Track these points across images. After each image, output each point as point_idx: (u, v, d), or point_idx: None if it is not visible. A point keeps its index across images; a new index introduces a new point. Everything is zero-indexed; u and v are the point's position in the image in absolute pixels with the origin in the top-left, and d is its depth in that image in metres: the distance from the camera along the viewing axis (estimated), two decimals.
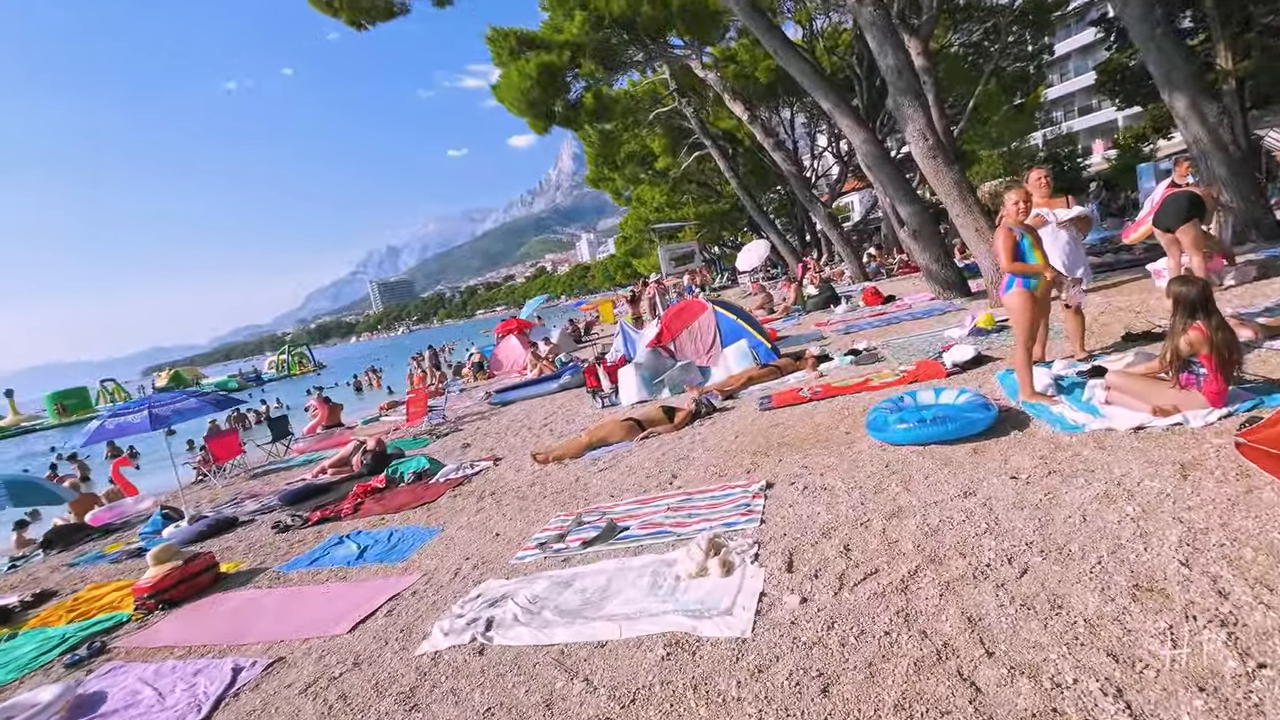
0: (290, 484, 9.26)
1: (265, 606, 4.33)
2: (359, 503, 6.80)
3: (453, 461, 7.85)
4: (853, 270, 20.84)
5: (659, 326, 9.89)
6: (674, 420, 6.69)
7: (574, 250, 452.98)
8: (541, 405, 11.11)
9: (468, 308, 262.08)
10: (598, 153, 33.60)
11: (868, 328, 10.84)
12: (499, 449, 8.11)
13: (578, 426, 8.31)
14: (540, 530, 4.40)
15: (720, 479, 4.58)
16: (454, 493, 6.37)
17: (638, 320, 17.25)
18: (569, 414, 9.49)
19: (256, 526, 7.00)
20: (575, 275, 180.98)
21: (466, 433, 10.12)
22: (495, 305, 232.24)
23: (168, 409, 7.23)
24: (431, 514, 5.78)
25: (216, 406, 7.55)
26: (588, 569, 3.49)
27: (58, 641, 4.58)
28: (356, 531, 5.75)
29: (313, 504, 7.46)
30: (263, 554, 5.82)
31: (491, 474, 6.81)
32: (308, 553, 5.45)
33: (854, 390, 6.31)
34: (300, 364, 60.94)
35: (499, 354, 20.46)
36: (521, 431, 8.97)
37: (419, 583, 4.04)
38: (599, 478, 5.47)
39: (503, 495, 5.79)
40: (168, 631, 4.30)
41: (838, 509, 3.51)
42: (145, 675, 3.60)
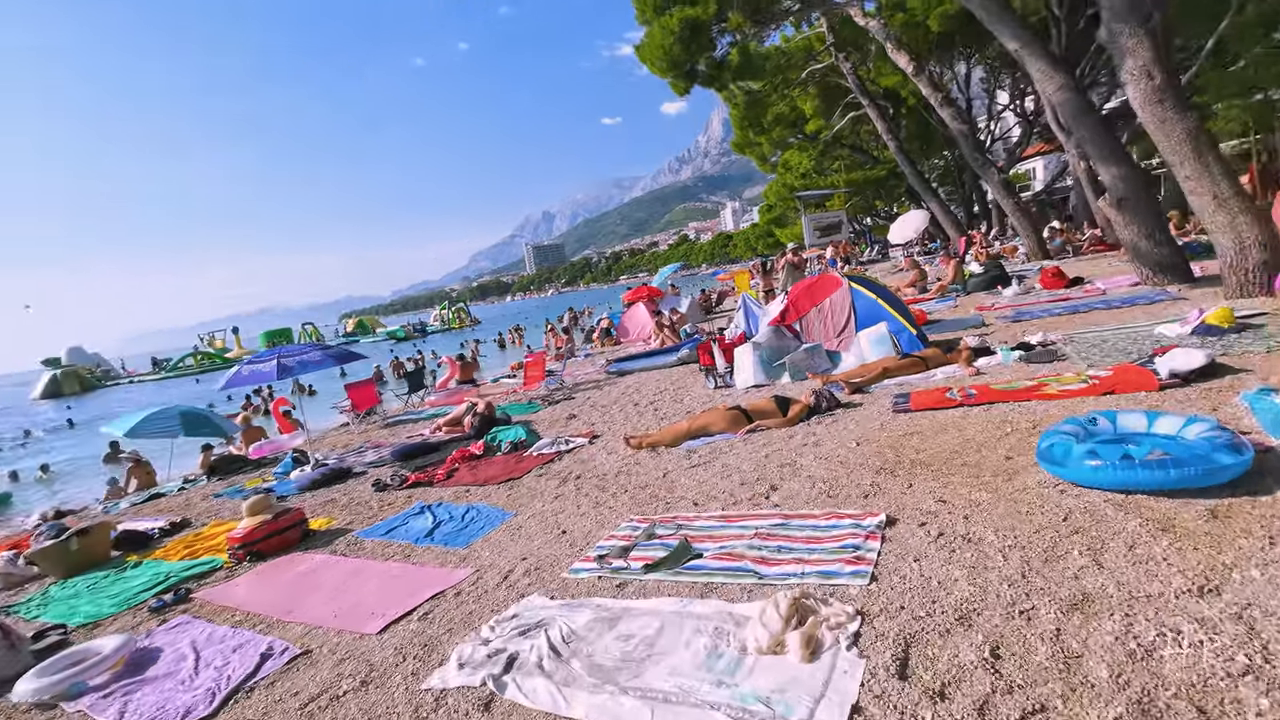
0: (410, 438, 9.58)
1: (325, 580, 4.17)
2: (454, 469, 6.68)
3: (550, 434, 7.53)
4: (1029, 246, 17.89)
5: (785, 302, 8.83)
6: (787, 414, 5.76)
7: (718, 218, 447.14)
8: (655, 379, 10.55)
9: (612, 273, 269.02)
10: (743, 115, 31.90)
11: (1044, 315, 8.97)
12: (599, 424, 7.66)
13: (684, 408, 7.62)
14: (607, 537, 3.80)
15: (829, 501, 3.67)
16: (541, 470, 6.00)
17: (769, 294, 16.04)
18: (679, 391, 8.82)
19: (364, 480, 7.16)
20: (717, 244, 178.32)
21: (577, 402, 9.84)
22: (637, 271, 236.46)
23: (294, 360, 7.57)
24: (513, 493, 5.42)
25: (337, 360, 7.81)
26: (641, 606, 2.82)
27: (161, 579, 4.82)
28: (439, 503, 5.55)
29: (419, 463, 7.52)
30: (355, 513, 5.84)
31: (583, 453, 6.35)
32: (388, 520, 5.33)
33: (1021, 397, 4.98)
34: (459, 318, 66.12)
35: (625, 321, 20.24)
36: (626, 407, 8.46)
37: (467, 581, 3.62)
38: (688, 476, 4.75)
39: (585, 480, 5.28)
40: (240, 589, 4.31)
41: (986, 578, 2.50)
42: (198, 639, 3.54)
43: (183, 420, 9.62)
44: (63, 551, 5.53)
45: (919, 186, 26.56)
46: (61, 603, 4.76)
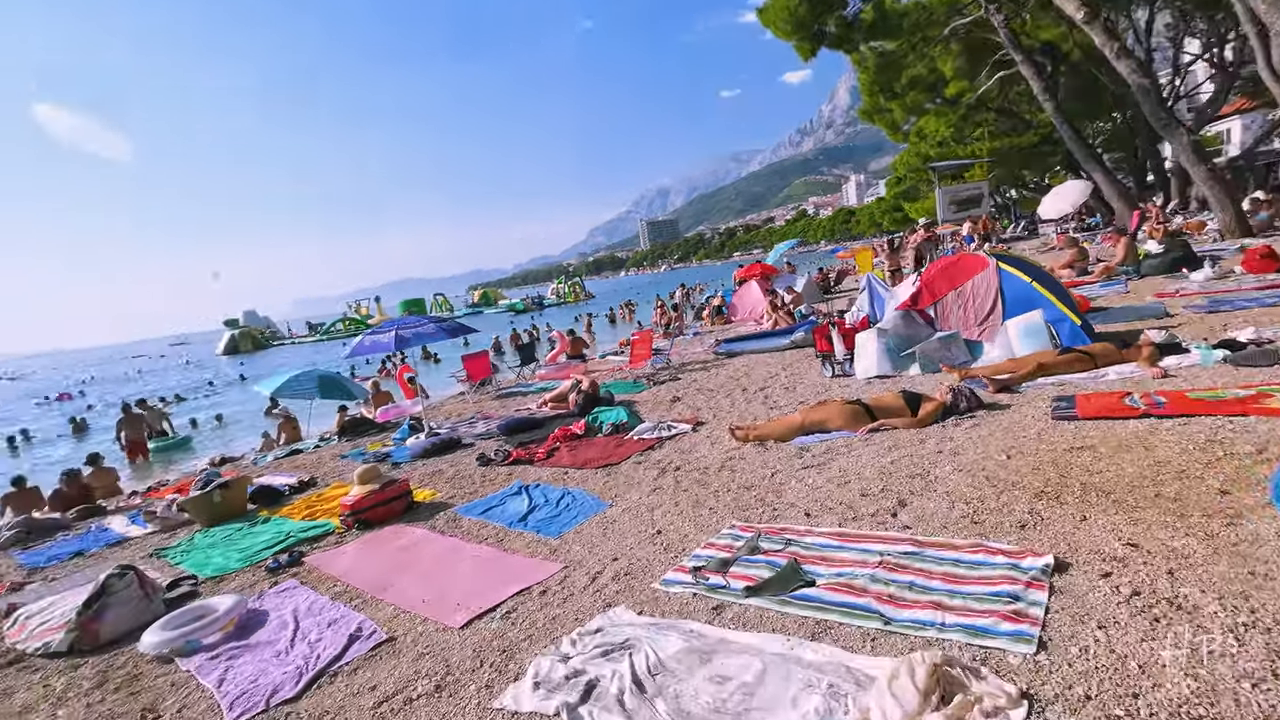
0: (518, 411, 9.72)
1: (420, 557, 4.16)
2: (554, 448, 6.59)
3: (653, 418, 7.25)
4: (1224, 221, 15.09)
5: (917, 284, 7.91)
6: (917, 413, 5.06)
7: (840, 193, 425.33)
8: (766, 362, 9.97)
9: (725, 249, 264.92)
10: (873, 80, 29.54)
11: (1251, 306, 7.39)
12: (704, 410, 7.27)
13: (797, 397, 7.04)
14: (705, 544, 3.43)
15: (973, 528, 3.06)
16: (640, 457, 5.73)
17: (895, 274, 14.73)
18: (793, 378, 8.21)
19: (470, 452, 7.29)
20: (837, 220, 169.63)
21: (683, 383, 9.50)
22: (751, 248, 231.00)
23: (409, 332, 7.81)
24: (610, 480, 5.19)
25: (449, 333, 7.99)
26: (740, 640, 2.43)
27: (282, 538, 5.08)
28: (536, 484, 5.45)
29: (523, 438, 7.54)
30: (458, 486, 5.90)
31: (685, 441, 6.01)
32: (487, 498, 5.30)
33: (1232, 410, 3.98)
34: (574, 292, 68.10)
35: (737, 300, 19.56)
36: (734, 393, 7.99)
37: (555, 579, 3.41)
38: (800, 479, 4.26)
39: (686, 473, 4.93)
40: (344, 559, 4.41)
41: (1215, 671, 1.85)
42: (300, 607, 3.61)
43: (319, 384, 10.39)
44: (207, 502, 6.05)
45: (1081, 153, 23.35)
46: (200, 551, 5.17)
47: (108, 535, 6.39)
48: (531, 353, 14.25)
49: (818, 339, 8.11)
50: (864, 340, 7.54)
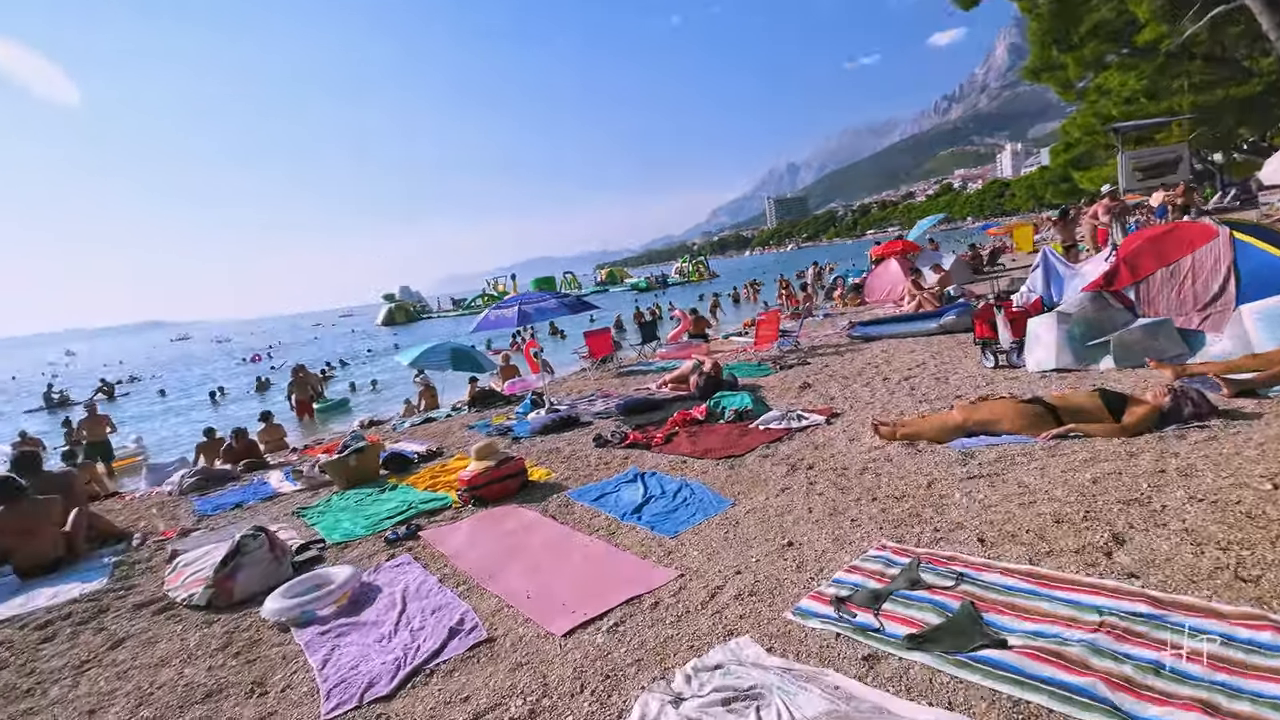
0: (637, 390, 9.48)
1: (530, 544, 3.95)
2: (673, 433, 6.21)
3: (780, 405, 6.64)
4: None
5: (1112, 260, 6.56)
6: (1121, 419, 4.07)
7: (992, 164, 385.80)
8: (909, 348, 8.92)
9: (858, 227, 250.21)
10: (1045, 29, 25.91)
11: None
12: (839, 400, 6.54)
13: (951, 390, 6.11)
14: (848, 567, 2.86)
15: (1242, 587, 2.23)
16: (767, 449, 5.18)
17: (1069, 250, 12.69)
18: (944, 367, 7.20)
19: (587, 431, 7.11)
20: (988, 194, 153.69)
21: (813, 368, 8.75)
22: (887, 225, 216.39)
23: (532, 308, 7.75)
24: (733, 474, 4.71)
25: (571, 310, 7.84)
26: (904, 714, 1.87)
27: (404, 508, 5.14)
28: (652, 472, 5.09)
29: (641, 420, 7.25)
30: (573, 467, 5.70)
31: (818, 434, 5.36)
32: (601, 483, 5.02)
33: None
34: (698, 271, 67.63)
35: (873, 279, 18.08)
36: (874, 381, 7.15)
37: (668, 590, 3.00)
38: (966, 491, 3.53)
39: (820, 473, 4.33)
40: (458, 535, 4.32)
41: None
42: (410, 586, 3.52)
43: (452, 356, 10.82)
44: (343, 465, 6.34)
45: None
46: (333, 514, 5.37)
47: (264, 489, 6.94)
48: (653, 331, 13.99)
49: (978, 324, 7.03)
50: (1038, 326, 6.39)
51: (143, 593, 4.25)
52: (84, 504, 6.19)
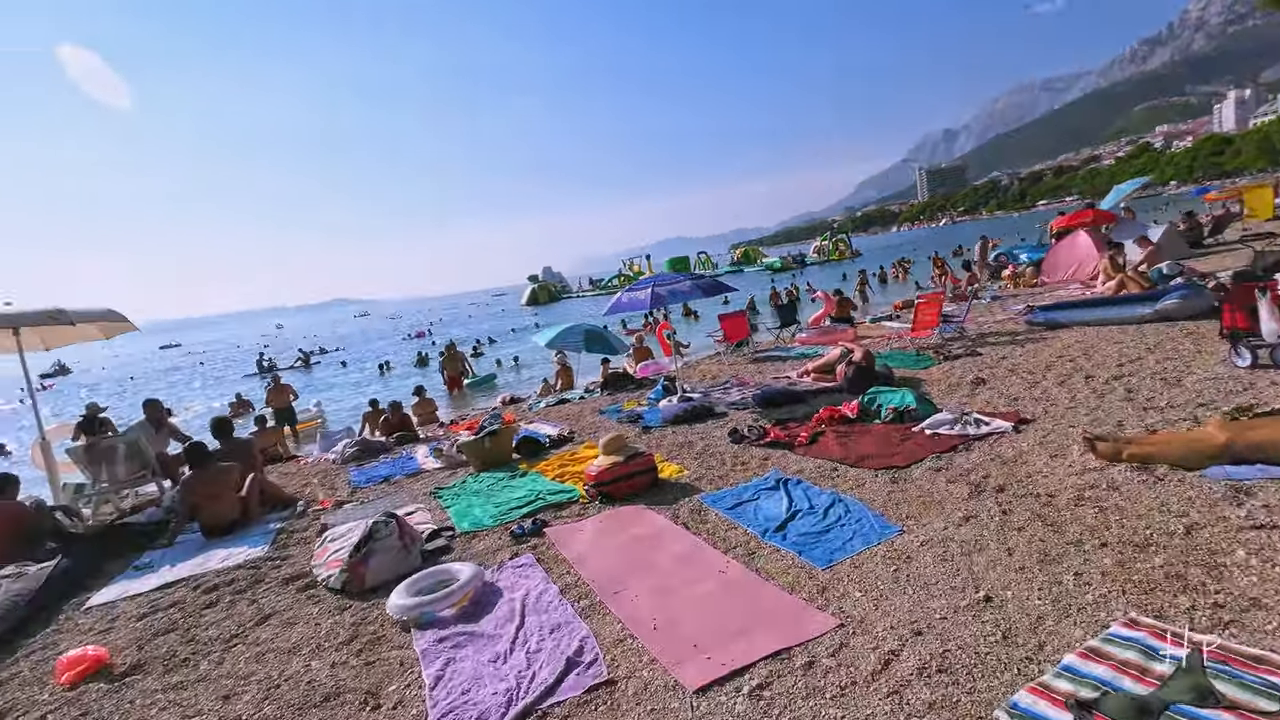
0: (775, 379, 8.80)
1: (659, 554, 3.54)
2: (819, 432, 5.51)
3: (950, 405, 5.67)
4: None
5: None
6: None
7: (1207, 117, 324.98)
8: (1114, 339, 7.39)
9: (1026, 198, 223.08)
10: None
11: None
12: (1026, 402, 5.45)
13: (1189, 396, 4.81)
14: (1080, 651, 2.10)
15: None
16: (938, 461, 4.35)
17: None
18: (1169, 365, 5.77)
19: (722, 424, 6.60)
20: (1201, 152, 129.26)
21: (985, 360, 7.54)
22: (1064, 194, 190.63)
23: (666, 289, 7.35)
24: (896, 490, 3.97)
25: (706, 292, 7.33)
26: None
27: (532, 498, 4.98)
28: (797, 478, 4.48)
29: (781, 414, 6.60)
30: (706, 465, 5.23)
31: (1005, 445, 4.43)
32: (738, 488, 4.50)
33: None
34: (838, 249, 64.00)
35: (1055, 255, 15.61)
36: (1071, 380, 5.91)
37: (825, 645, 2.43)
38: (1253, 545, 2.56)
39: (1017, 500, 3.48)
40: (582, 537, 4.02)
41: None
42: (530, 595, 3.26)
43: (585, 337, 10.78)
44: (479, 447, 6.38)
45: None
46: (465, 499, 5.36)
47: (411, 464, 7.22)
48: (792, 313, 13.08)
49: (1228, 310, 5.50)
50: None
51: (294, 564, 4.43)
52: (260, 470, 6.79)
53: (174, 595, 4.18)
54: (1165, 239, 14.73)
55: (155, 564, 4.89)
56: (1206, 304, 7.86)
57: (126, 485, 7.08)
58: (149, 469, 7.03)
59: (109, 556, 5.26)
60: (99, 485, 6.94)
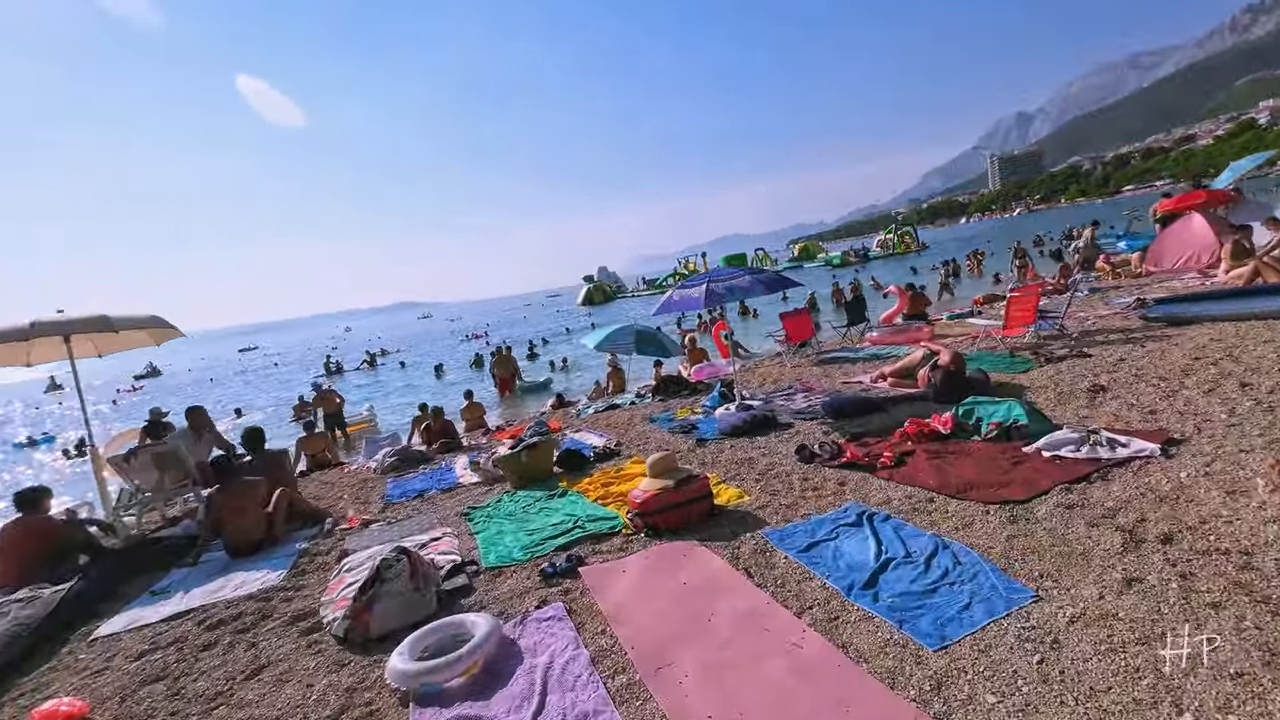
0: (845, 383, 7.92)
1: (715, 616, 2.84)
2: (906, 452, 4.67)
3: (1069, 420, 4.72)
4: None
5: None
6: None
7: None
8: (1262, 338, 6.17)
9: (1111, 183, 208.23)
10: None
11: None
12: (1168, 415, 4.44)
13: None
14: None
15: None
16: (1068, 493, 3.47)
17: None
18: None
19: (788, 437, 5.83)
20: None
21: (1098, 362, 6.46)
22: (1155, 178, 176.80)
23: (722, 286, 6.62)
24: (1017, 534, 3.13)
25: (768, 288, 6.55)
26: None
27: (569, 525, 4.37)
28: (883, 512, 3.68)
29: (855, 427, 5.77)
30: (770, 489, 4.48)
31: (1155, 475, 3.49)
32: (810, 522, 3.74)
33: None
34: (904, 242, 61.24)
35: (1162, 242, 13.91)
36: (1223, 387, 4.83)
37: None
38: None
39: (1196, 557, 2.60)
40: (623, 582, 3.36)
41: None
42: (554, 663, 2.64)
43: (636, 339, 10.15)
44: (516, 462, 5.84)
45: None
46: (497, 523, 4.80)
47: (449, 478, 6.78)
48: (861, 311, 12.03)
49: None
50: None
51: (306, 597, 3.98)
52: (292, 483, 6.47)
53: (178, 630, 3.79)
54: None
55: (173, 588, 4.56)
56: None
57: (169, 495, 6.93)
58: (189, 478, 6.86)
59: (135, 573, 5.01)
60: (142, 494, 6.81)
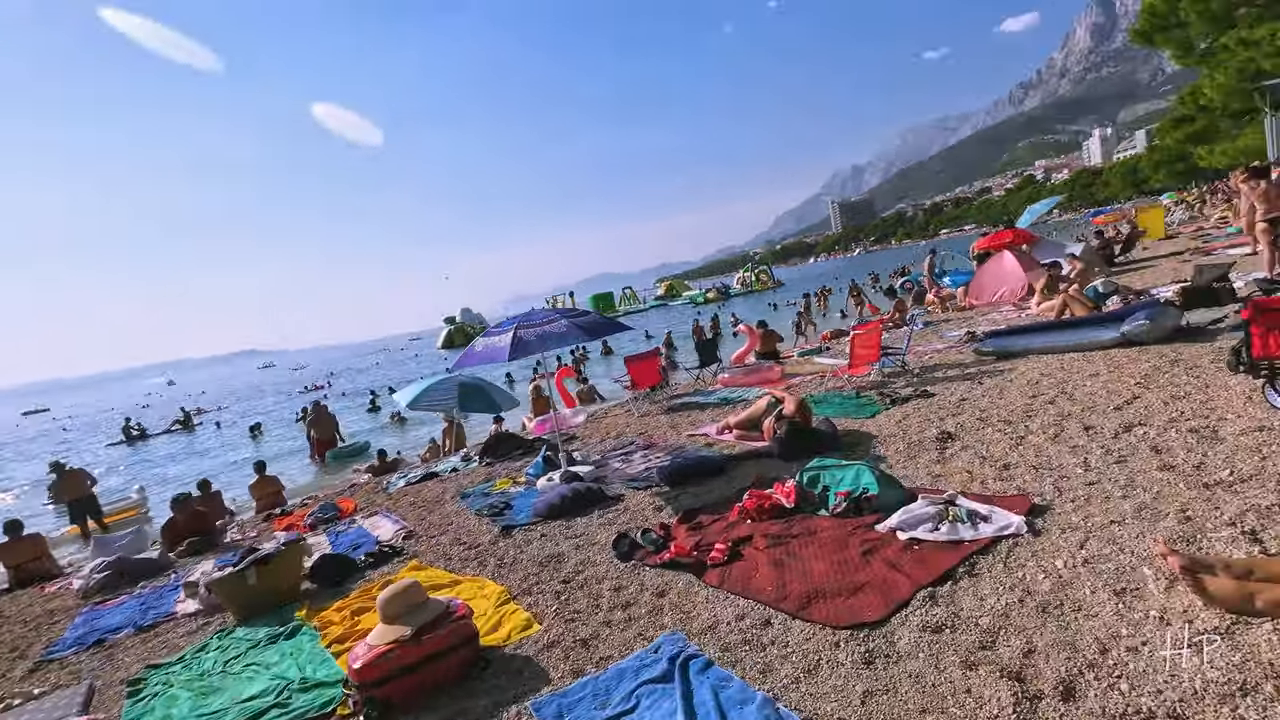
0: (692, 436, 7.03)
1: None
2: (741, 539, 3.71)
3: (921, 482, 4.03)
4: None
5: None
6: None
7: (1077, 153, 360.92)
8: (1087, 370, 6.07)
9: (930, 227, 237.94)
10: None
11: None
12: (1020, 471, 3.85)
13: (1248, 457, 3.32)
14: None
15: None
16: (932, 603, 2.61)
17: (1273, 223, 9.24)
18: (1188, 410, 4.35)
19: (614, 517, 4.72)
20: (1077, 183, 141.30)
21: (942, 402, 6.05)
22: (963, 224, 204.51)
23: (534, 332, 5.46)
24: (875, 679, 2.19)
25: (589, 333, 5.49)
26: None
27: (265, 706, 2.88)
28: (703, 657, 2.61)
29: (694, 497, 4.80)
30: (573, 609, 3.30)
31: (1030, 566, 2.74)
32: (605, 676, 2.58)
33: None
34: (760, 280, 64.45)
35: (981, 278, 14.91)
36: (1068, 431, 4.40)
37: None
38: None
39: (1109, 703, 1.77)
40: None
41: None
42: None
43: (460, 392, 8.67)
44: (239, 585, 4.18)
45: None
46: (165, 701, 3.17)
47: (164, 604, 4.91)
48: (713, 350, 11.45)
49: (1257, 335, 4.15)
50: None
51: None
52: None
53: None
54: (1086, 253, 14.28)
55: None
56: (1174, 324, 6.79)
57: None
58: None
59: None
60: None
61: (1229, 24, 24.38)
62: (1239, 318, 4.64)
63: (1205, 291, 8.33)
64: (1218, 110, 30.59)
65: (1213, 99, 28.59)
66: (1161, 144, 53.47)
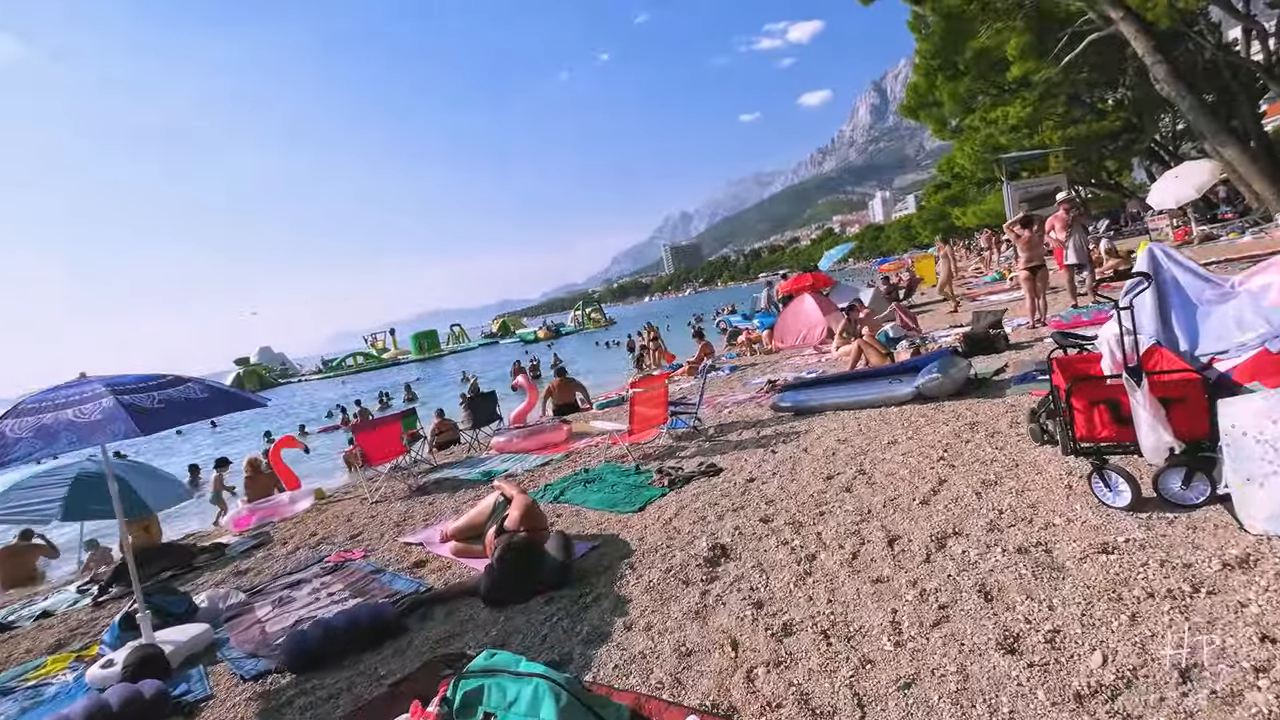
0: (408, 545, 4.96)
1: None
2: None
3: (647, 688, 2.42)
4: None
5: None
6: None
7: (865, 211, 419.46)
8: (887, 435, 5.08)
9: (750, 270, 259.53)
10: (935, 50, 24.89)
11: None
12: (804, 632, 2.38)
13: (1118, 615, 2.12)
14: None
15: None
16: None
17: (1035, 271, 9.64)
18: (1010, 511, 3.25)
19: None
20: (866, 237, 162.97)
21: (728, 484, 4.67)
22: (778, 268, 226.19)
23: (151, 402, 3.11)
24: None
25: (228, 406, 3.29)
26: None
27: None
28: None
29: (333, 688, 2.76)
30: None
31: None
32: None
33: None
34: (592, 318, 63.84)
35: (784, 321, 14.69)
36: (867, 545, 3.10)
37: None
38: None
39: None
40: None
41: None
42: None
43: (71, 492, 5.63)
44: None
45: (1210, 126, 17.62)
46: None
47: None
48: (489, 409, 9.44)
49: (1079, 413, 3.14)
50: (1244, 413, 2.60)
51: None
52: None
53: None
54: (874, 300, 14.62)
55: None
56: (964, 376, 6.19)
57: None
58: None
59: None
60: None
61: (971, 107, 28.34)
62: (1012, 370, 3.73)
63: (984, 338, 8.17)
64: (968, 178, 35.72)
65: (964, 167, 33.15)
66: (928, 205, 62.60)
